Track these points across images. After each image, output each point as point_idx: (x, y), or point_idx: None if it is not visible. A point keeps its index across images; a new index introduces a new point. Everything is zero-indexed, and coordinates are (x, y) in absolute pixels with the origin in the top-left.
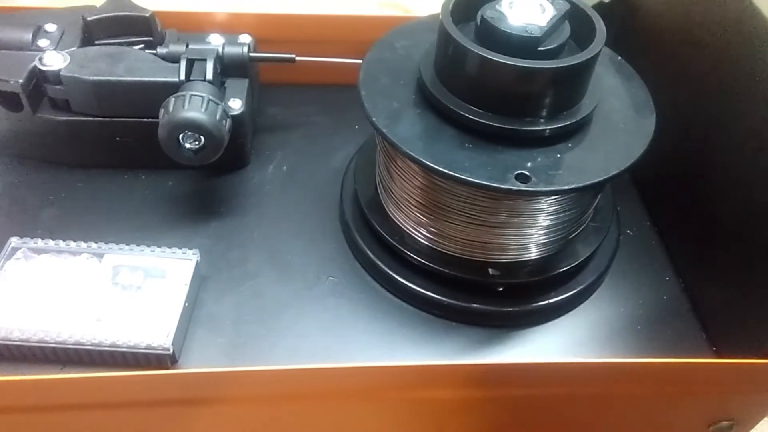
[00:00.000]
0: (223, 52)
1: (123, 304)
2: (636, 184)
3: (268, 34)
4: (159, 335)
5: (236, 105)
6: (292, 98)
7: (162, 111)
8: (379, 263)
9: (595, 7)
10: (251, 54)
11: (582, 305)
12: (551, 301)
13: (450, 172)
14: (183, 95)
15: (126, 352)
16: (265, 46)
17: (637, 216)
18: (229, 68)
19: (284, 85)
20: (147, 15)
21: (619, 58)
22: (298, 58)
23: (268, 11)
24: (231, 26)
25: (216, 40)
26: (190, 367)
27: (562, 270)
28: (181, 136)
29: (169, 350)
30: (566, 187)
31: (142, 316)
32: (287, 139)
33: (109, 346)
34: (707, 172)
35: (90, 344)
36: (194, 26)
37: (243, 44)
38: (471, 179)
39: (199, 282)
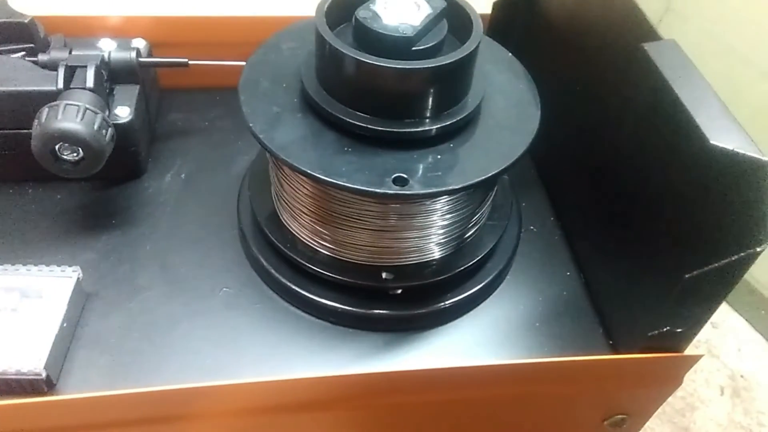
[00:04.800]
0: (109, 57)
1: None
2: (541, 180)
3: (165, 38)
4: (31, 359)
5: (124, 113)
6: (194, 103)
7: (35, 122)
8: (274, 272)
9: (498, 3)
10: (141, 59)
11: (482, 304)
12: (448, 302)
13: (325, 178)
14: (57, 105)
15: None
16: (165, 50)
17: (541, 212)
18: (118, 74)
19: (187, 90)
20: (25, 21)
21: (509, 54)
22: (191, 62)
23: (163, 14)
24: (125, 30)
25: (107, 45)
26: (71, 391)
27: (458, 270)
28: (57, 148)
29: (41, 375)
30: (443, 189)
31: (16, 339)
32: (187, 145)
33: None
34: (601, 168)
35: None
36: (85, 31)
37: (132, 49)
38: (347, 184)
39: (83, 300)
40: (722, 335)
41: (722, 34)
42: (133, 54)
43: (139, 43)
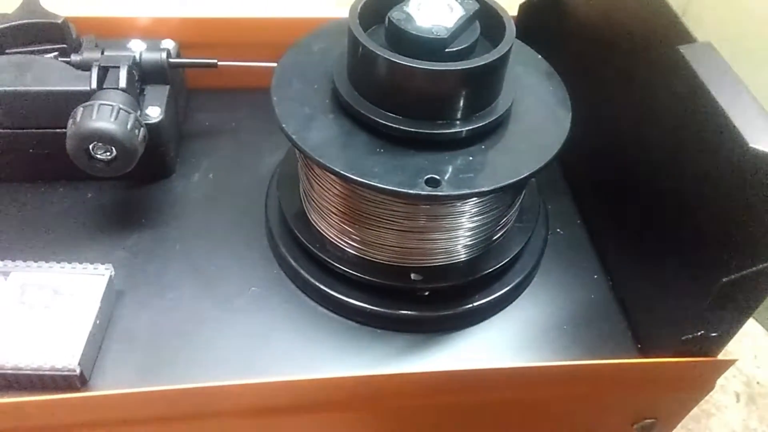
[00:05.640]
0: (140, 58)
1: (30, 324)
2: (567, 183)
3: (194, 39)
4: (65, 355)
5: (154, 113)
6: (222, 104)
7: (70, 121)
8: (302, 272)
9: (525, 5)
10: (171, 60)
11: (509, 307)
12: (476, 304)
13: (358, 178)
14: (91, 104)
15: (31, 375)
16: (194, 51)
17: (567, 215)
18: (148, 75)
19: (214, 91)
20: (59, 21)
21: (539, 56)
22: (220, 63)
23: (192, 15)
24: (154, 32)
25: (137, 46)
26: (103, 387)
27: (486, 272)
28: (91, 147)
29: (75, 371)
30: (475, 191)
31: (50, 336)
32: (215, 145)
33: (12, 369)
34: (633, 170)
35: None
36: (115, 32)
37: (162, 50)
38: (379, 185)
39: (114, 297)
40: (738, 341)
41: (738, 37)
42: (164, 55)
43: (169, 44)
